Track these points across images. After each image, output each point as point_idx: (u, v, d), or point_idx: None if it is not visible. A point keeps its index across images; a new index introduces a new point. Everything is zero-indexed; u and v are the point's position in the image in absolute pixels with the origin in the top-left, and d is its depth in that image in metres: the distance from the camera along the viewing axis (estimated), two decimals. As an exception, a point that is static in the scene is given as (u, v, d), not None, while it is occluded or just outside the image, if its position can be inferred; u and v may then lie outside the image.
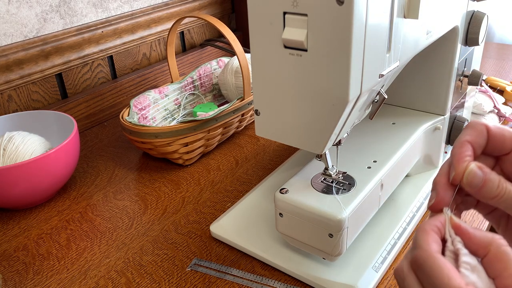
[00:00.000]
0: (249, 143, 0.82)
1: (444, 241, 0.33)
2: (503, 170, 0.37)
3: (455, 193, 0.35)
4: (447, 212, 0.34)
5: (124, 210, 0.66)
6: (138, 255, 0.57)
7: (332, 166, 0.51)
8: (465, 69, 0.65)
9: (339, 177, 0.51)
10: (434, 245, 0.32)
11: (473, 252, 0.32)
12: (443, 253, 0.33)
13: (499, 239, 0.31)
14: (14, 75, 0.79)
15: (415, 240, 0.33)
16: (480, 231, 0.32)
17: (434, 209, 0.36)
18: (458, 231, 0.33)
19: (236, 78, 0.85)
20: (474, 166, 0.34)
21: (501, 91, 0.92)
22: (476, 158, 0.36)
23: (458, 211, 0.37)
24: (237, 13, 1.22)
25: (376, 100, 0.45)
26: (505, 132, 0.36)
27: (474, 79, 0.66)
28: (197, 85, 0.91)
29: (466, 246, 0.32)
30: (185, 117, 0.87)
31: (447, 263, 0.31)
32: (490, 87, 0.93)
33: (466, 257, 0.32)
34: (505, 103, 0.88)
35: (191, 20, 1.10)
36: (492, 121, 0.79)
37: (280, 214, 0.50)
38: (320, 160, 0.51)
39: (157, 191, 0.70)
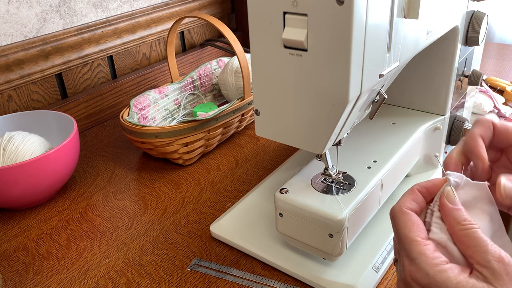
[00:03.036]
0: (249, 143, 0.82)
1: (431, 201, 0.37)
2: (510, 160, 0.41)
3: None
4: (449, 177, 0.36)
5: (124, 210, 0.66)
6: (138, 255, 0.57)
7: (332, 166, 0.51)
8: (465, 69, 0.65)
9: (339, 177, 0.51)
10: (409, 202, 0.36)
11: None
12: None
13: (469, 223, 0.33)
14: (14, 75, 0.79)
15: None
16: (458, 212, 0.34)
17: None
18: (441, 203, 0.35)
19: (236, 78, 0.85)
20: (504, 180, 0.36)
21: (501, 91, 0.92)
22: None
23: None
24: (237, 13, 1.22)
25: (376, 100, 0.45)
26: (508, 127, 0.39)
27: (474, 79, 0.66)
28: (197, 85, 0.91)
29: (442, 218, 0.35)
30: (185, 117, 0.87)
31: (412, 218, 0.35)
32: (490, 87, 0.93)
33: (438, 219, 0.35)
34: (505, 103, 0.88)
35: (191, 20, 1.10)
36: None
37: (280, 214, 0.50)
38: (320, 160, 0.51)
39: (157, 191, 0.70)
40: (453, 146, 0.67)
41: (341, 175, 0.51)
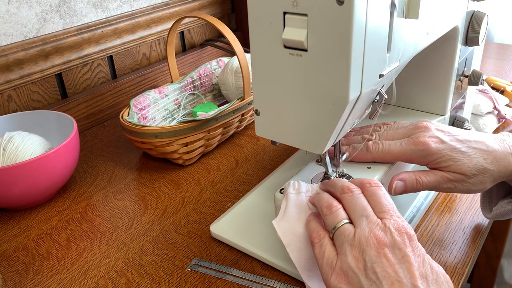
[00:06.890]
0: (249, 143, 0.82)
1: None
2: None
3: None
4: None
5: (124, 210, 0.66)
6: (138, 255, 0.57)
7: (332, 170, 0.51)
8: (465, 69, 0.65)
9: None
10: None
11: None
12: None
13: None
14: (14, 75, 0.79)
15: None
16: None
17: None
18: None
19: (236, 78, 0.85)
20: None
21: (501, 92, 0.92)
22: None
23: None
24: (237, 13, 1.22)
25: (376, 100, 0.46)
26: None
27: (474, 79, 0.66)
28: (197, 85, 0.91)
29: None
30: (185, 117, 0.87)
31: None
32: (493, 88, 0.92)
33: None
34: (508, 105, 0.86)
35: (191, 20, 1.10)
36: (490, 122, 0.78)
37: (280, 214, 0.50)
38: (320, 165, 0.51)
39: (157, 191, 0.70)
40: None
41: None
